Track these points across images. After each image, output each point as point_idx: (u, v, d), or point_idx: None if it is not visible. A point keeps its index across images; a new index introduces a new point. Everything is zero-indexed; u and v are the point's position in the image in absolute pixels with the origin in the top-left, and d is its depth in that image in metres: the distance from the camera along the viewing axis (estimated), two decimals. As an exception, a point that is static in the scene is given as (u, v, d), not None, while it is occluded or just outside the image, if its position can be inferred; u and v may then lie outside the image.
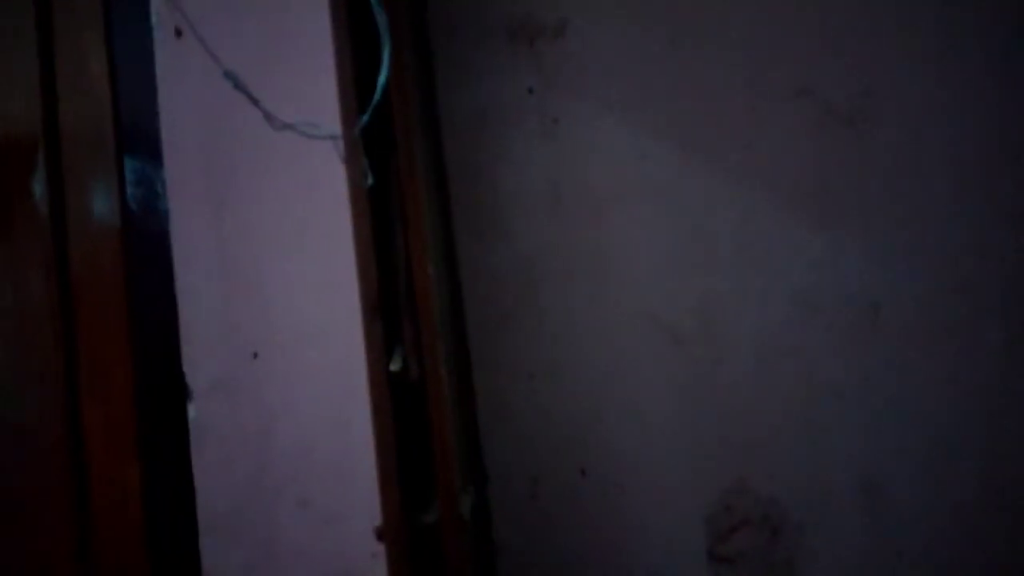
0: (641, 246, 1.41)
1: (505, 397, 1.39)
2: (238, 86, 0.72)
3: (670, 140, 1.42)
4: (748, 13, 1.41)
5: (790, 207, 1.38)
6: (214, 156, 1.21)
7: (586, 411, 1.38)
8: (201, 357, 1.19)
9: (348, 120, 0.86)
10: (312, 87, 0.94)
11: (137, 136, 1.37)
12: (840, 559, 1.32)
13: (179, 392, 1.20)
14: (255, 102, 0.73)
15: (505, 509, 1.37)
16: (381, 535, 0.88)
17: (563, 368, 1.40)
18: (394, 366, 0.95)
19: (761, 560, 1.33)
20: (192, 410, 1.20)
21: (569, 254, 1.42)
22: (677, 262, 1.40)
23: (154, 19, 1.29)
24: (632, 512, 1.36)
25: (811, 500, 1.33)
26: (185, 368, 1.20)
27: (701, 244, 1.40)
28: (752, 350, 1.37)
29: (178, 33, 1.29)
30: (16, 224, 1.41)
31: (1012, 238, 1.32)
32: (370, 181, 0.89)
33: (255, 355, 1.17)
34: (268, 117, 0.74)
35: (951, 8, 1.34)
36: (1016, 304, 1.31)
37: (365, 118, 0.77)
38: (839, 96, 1.38)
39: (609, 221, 1.42)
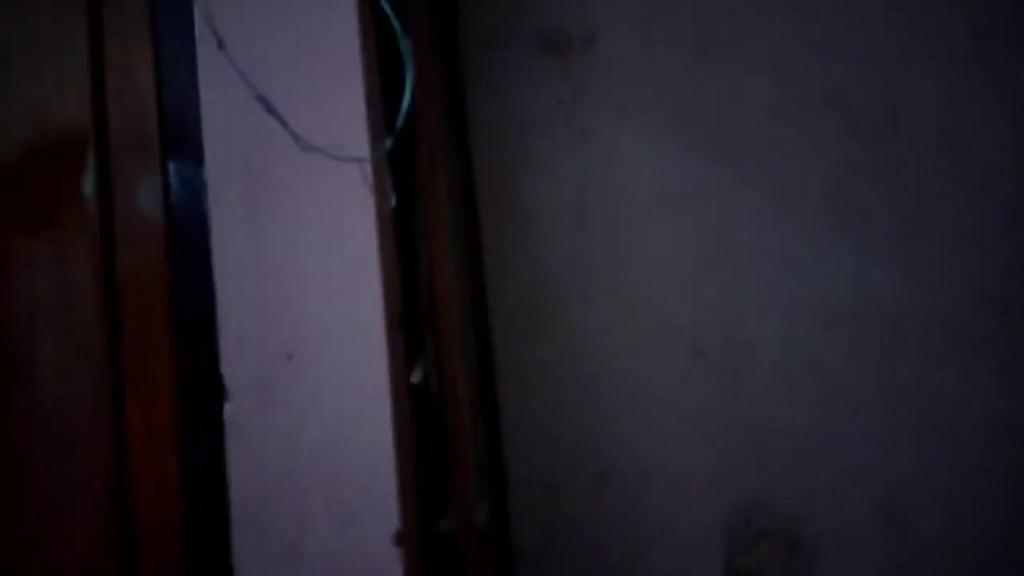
0: (665, 257, 1.42)
1: (528, 405, 1.42)
2: (269, 110, 0.76)
3: (695, 150, 1.43)
4: (776, 22, 1.40)
5: (814, 218, 1.38)
6: (251, 165, 1.25)
7: (607, 421, 1.40)
8: (238, 357, 1.23)
9: (375, 144, 0.89)
10: (340, 111, 0.98)
11: (181, 140, 1.42)
12: None
13: (217, 390, 1.24)
14: (284, 124, 0.76)
15: (525, 516, 1.39)
16: (399, 541, 0.91)
17: (586, 378, 1.42)
18: (415, 378, 0.99)
19: (779, 574, 1.34)
20: (228, 408, 1.23)
21: (594, 264, 1.44)
22: (700, 273, 1.41)
23: (197, 31, 1.34)
24: (651, 521, 1.38)
25: (831, 516, 1.33)
26: (223, 369, 1.24)
27: (724, 255, 1.40)
28: (774, 362, 1.37)
29: (220, 45, 1.33)
30: (66, 221, 1.47)
31: (1040, 255, 1.30)
32: (393, 203, 0.93)
33: (289, 356, 1.20)
34: (296, 139, 0.78)
35: (982, 22, 1.33)
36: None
37: (389, 143, 0.80)
38: (868, 106, 1.37)
39: (633, 232, 1.44)
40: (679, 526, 1.37)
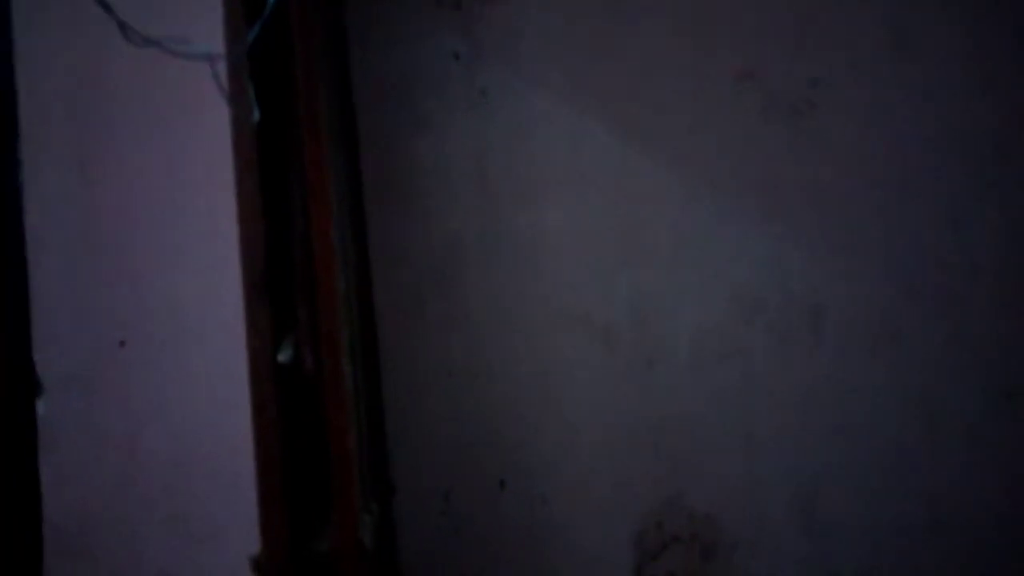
0: (573, 235, 1.29)
1: (418, 397, 1.24)
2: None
3: (607, 121, 1.30)
4: (695, -10, 1.30)
5: (733, 200, 1.29)
6: (81, 104, 1.02)
7: (508, 415, 1.25)
8: (56, 345, 1.01)
9: (233, 34, 0.68)
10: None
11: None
12: (774, 580, 1.23)
13: (28, 383, 0.99)
14: (107, 9, 0.55)
15: (413, 526, 1.21)
16: (258, 567, 0.71)
17: (485, 366, 1.25)
18: (283, 356, 0.78)
19: (693, 581, 1.23)
20: (42, 406, 0.99)
21: (495, 240, 1.28)
22: (611, 254, 1.28)
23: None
24: (556, 528, 1.24)
25: (746, 517, 1.24)
26: (36, 357, 0.99)
27: (637, 235, 1.29)
28: (688, 352, 1.27)
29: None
30: None
31: (954, 241, 1.27)
32: (257, 116, 0.72)
33: (122, 343, 1.00)
34: (124, 29, 0.56)
35: (901, 8, 1.28)
36: (957, 307, 1.26)
37: (255, 32, 0.60)
38: (785, 83, 1.29)
39: (539, 206, 1.29)
40: (585, 533, 1.24)
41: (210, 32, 0.73)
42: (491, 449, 1.23)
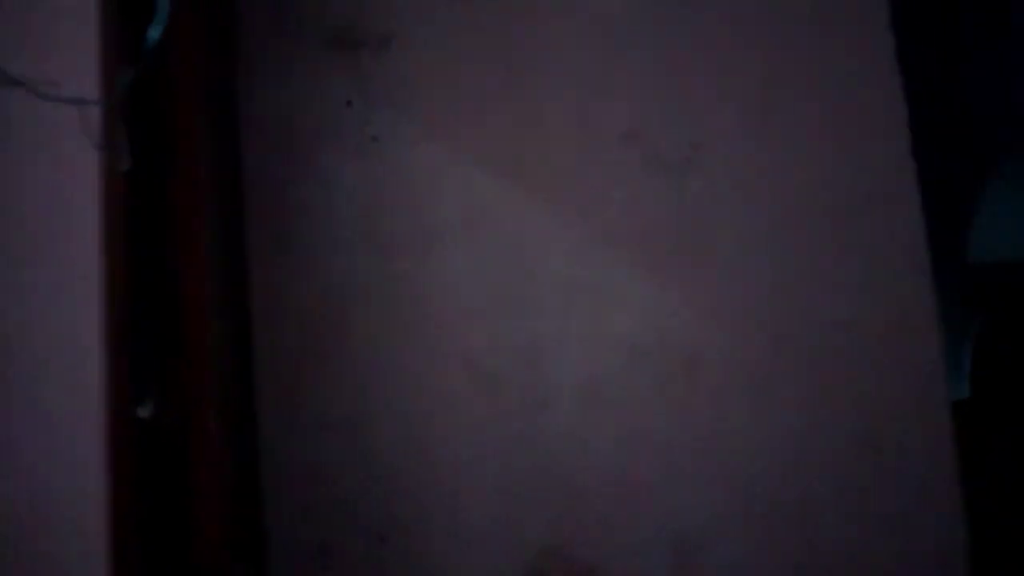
0: (462, 282, 1.29)
1: (296, 449, 1.19)
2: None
3: (498, 170, 1.32)
4: (584, 48, 1.35)
5: (616, 250, 1.33)
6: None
7: (389, 466, 1.22)
8: None
9: (109, 77, 0.64)
10: (60, 38, 0.71)
11: None
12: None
13: None
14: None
15: (290, 586, 1.15)
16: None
17: (367, 417, 1.23)
18: (144, 411, 0.73)
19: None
20: None
21: (381, 287, 1.27)
22: (500, 301, 1.29)
23: None
24: (437, 582, 1.21)
25: (628, 568, 1.24)
26: None
27: (525, 283, 1.30)
28: (575, 398, 1.28)
29: None
30: None
31: (823, 297, 1.34)
32: (127, 164, 0.68)
33: None
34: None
35: (778, 67, 1.36)
36: (824, 359, 1.32)
37: (131, 75, 0.58)
38: (666, 143, 1.35)
39: (428, 253, 1.29)
40: (468, 586, 1.21)
41: (83, 75, 0.68)
42: (371, 502, 1.20)
